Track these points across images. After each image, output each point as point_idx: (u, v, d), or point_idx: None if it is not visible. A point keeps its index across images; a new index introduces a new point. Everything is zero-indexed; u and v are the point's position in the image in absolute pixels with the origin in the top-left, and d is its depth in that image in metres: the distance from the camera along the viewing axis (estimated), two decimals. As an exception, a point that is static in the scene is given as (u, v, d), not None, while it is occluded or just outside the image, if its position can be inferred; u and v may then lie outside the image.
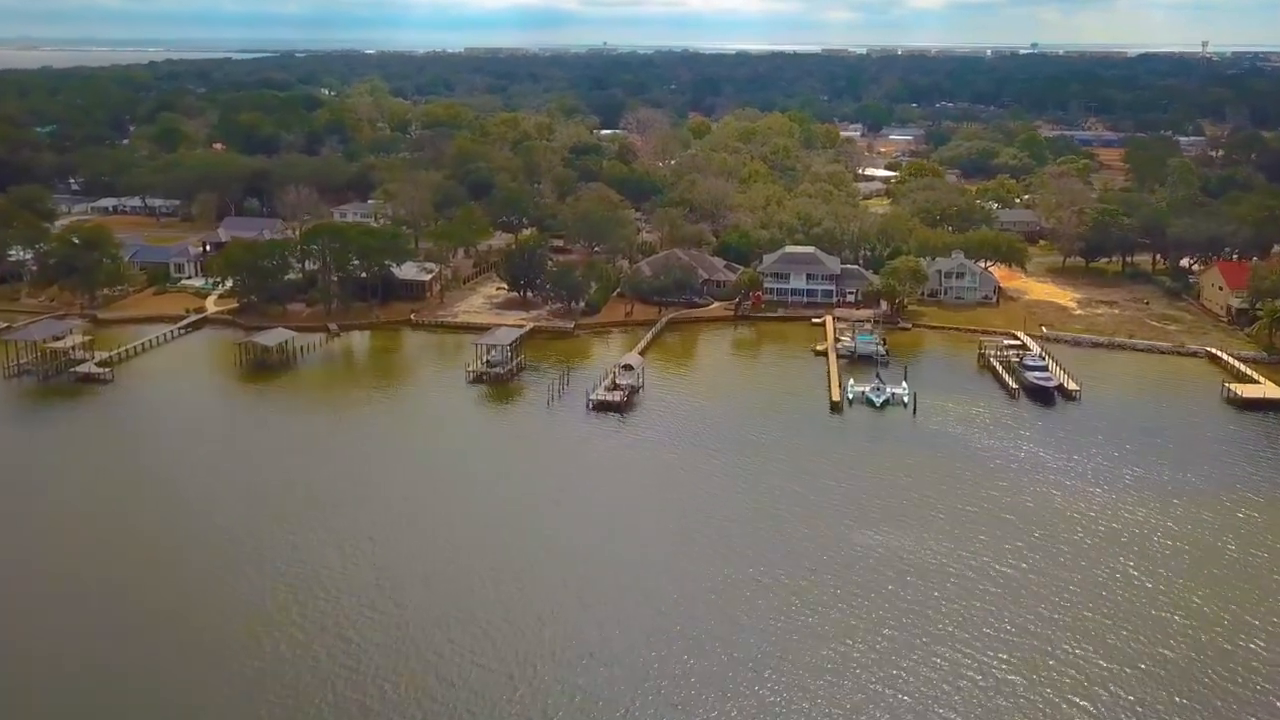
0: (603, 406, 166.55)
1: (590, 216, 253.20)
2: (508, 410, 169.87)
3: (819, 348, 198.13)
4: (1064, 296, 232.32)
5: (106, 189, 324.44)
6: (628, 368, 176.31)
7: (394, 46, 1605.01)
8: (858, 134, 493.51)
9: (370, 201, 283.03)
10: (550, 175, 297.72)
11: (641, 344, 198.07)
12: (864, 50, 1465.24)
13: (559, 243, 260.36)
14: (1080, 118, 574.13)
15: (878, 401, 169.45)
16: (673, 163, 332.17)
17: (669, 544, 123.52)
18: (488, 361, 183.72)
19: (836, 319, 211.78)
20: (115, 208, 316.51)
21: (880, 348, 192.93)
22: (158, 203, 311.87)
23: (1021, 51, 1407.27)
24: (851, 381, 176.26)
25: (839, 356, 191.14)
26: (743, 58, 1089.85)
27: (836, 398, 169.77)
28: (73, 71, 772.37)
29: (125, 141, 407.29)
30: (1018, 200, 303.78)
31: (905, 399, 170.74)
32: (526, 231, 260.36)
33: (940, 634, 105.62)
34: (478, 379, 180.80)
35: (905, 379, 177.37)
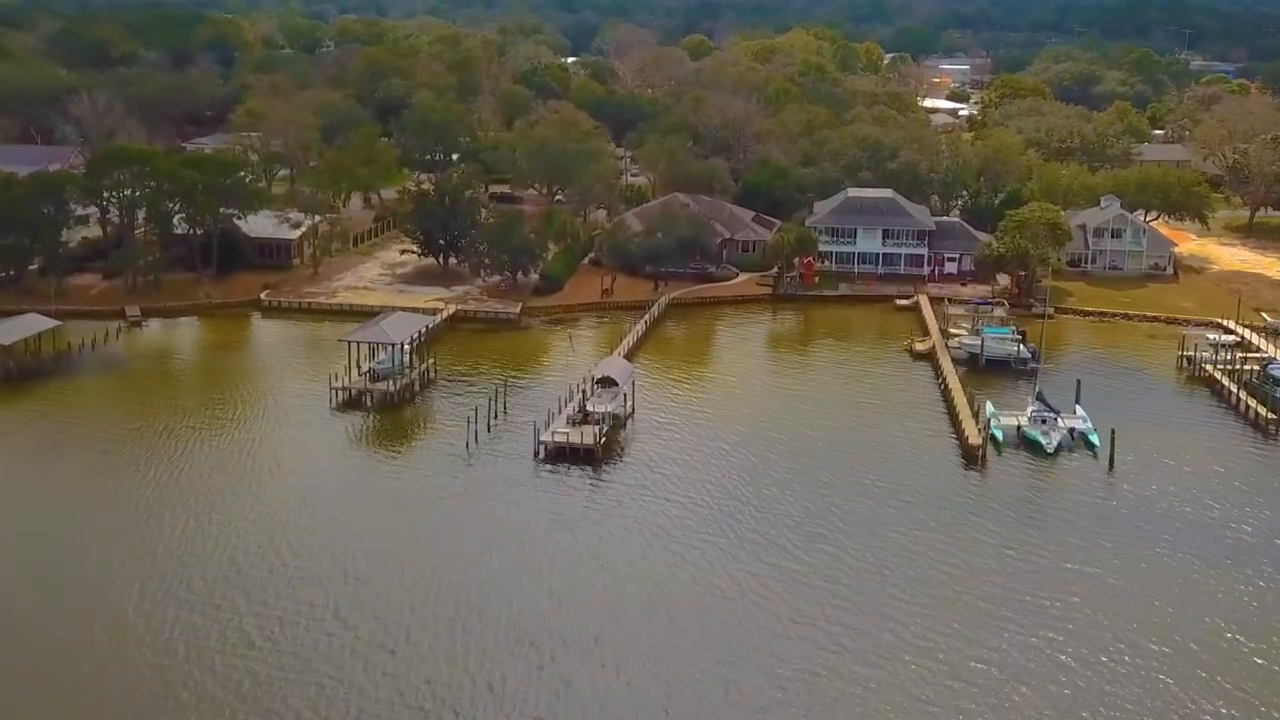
0: (564, 454, 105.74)
1: (550, 147, 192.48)
2: (394, 463, 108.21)
3: (919, 346, 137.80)
4: (1271, 265, 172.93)
5: None
6: (606, 383, 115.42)
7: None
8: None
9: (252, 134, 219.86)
10: (495, 93, 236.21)
11: (628, 340, 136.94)
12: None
13: (504, 188, 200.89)
14: (1173, 46, 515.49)
15: (1048, 444, 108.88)
16: (669, 84, 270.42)
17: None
18: (371, 371, 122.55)
19: (941, 301, 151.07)
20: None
21: (1022, 348, 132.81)
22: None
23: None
24: (992, 407, 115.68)
25: (954, 362, 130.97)
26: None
27: (974, 437, 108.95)
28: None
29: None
30: (1155, 133, 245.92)
31: (1092, 439, 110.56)
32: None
33: None
34: (351, 401, 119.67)
35: (1078, 401, 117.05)
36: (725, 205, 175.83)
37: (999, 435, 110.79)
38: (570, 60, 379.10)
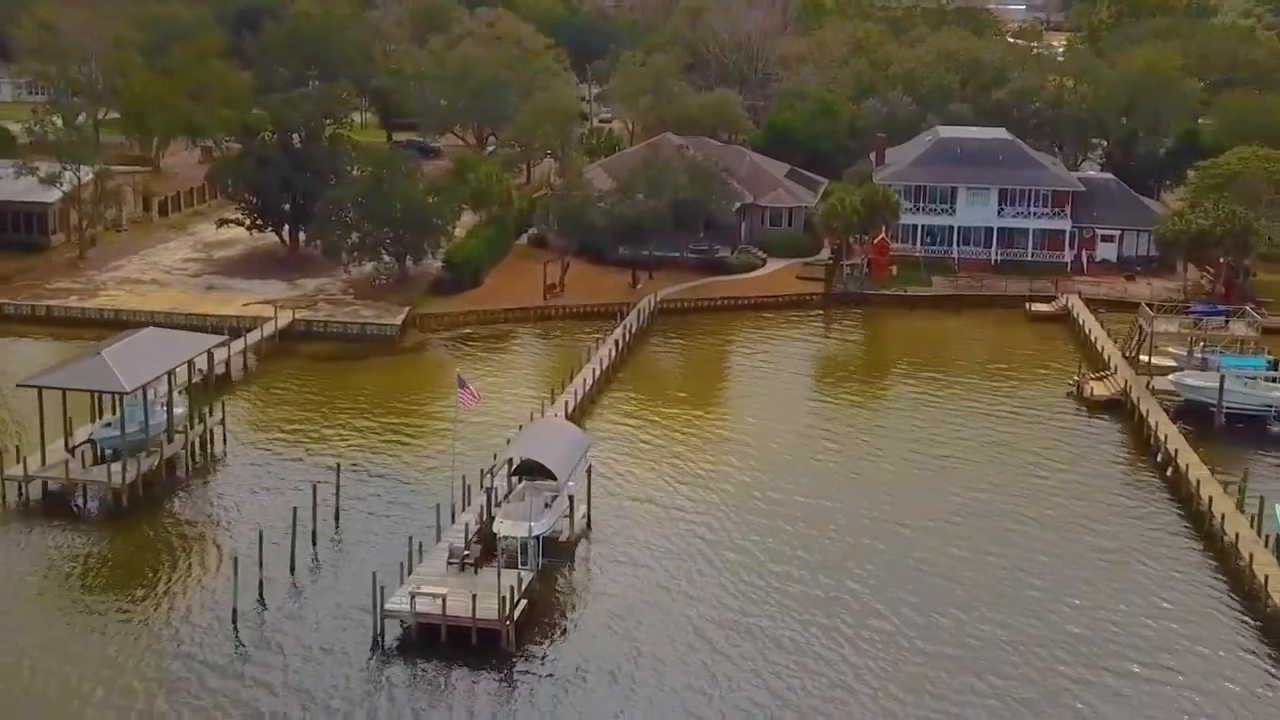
0: (437, 639, 54.93)
1: (475, 72, 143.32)
2: (98, 651, 56.34)
3: (1096, 388, 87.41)
4: None
5: None
6: (533, 472, 64.24)
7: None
8: None
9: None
10: (405, 3, 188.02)
11: (585, 377, 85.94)
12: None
13: (411, 135, 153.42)
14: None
15: None
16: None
17: None
18: (94, 441, 71.57)
19: (1136, 308, 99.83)
20: None
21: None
22: None
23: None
24: (1284, 516, 65.78)
25: (1169, 414, 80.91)
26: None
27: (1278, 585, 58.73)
28: None
29: None
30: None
31: None
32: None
33: None
34: (50, 502, 68.78)
35: None
36: (744, 153, 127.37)
37: (1328, 586, 60.43)
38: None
